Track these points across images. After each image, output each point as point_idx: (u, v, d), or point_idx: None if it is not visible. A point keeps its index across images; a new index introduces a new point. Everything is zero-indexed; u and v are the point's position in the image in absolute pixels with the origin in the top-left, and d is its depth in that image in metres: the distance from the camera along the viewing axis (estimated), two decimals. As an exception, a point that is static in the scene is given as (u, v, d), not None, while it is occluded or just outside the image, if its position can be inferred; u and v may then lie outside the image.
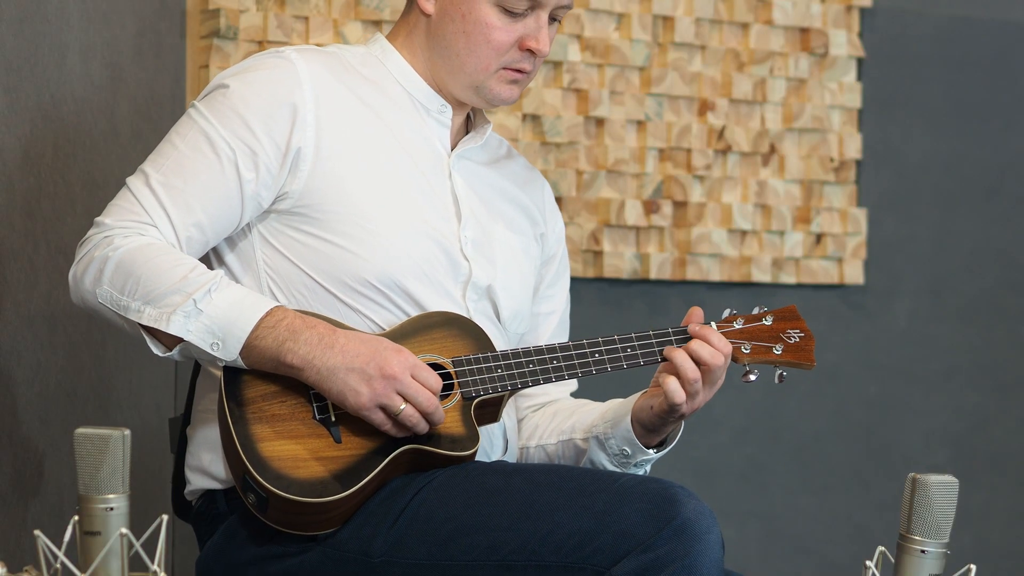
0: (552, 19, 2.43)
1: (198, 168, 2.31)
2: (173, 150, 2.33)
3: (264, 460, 2.21)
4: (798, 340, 2.43)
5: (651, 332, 2.38)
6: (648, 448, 2.44)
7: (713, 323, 2.42)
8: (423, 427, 2.24)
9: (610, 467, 2.46)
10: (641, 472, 2.48)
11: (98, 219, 2.29)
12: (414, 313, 2.36)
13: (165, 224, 2.28)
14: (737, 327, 2.42)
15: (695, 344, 2.34)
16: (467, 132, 2.54)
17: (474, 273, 2.43)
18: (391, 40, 2.49)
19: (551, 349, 2.36)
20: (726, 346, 2.36)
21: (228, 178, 2.31)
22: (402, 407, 2.21)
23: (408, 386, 2.21)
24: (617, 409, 2.46)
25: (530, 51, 2.41)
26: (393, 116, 2.44)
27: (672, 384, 2.33)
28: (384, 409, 2.22)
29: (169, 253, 2.24)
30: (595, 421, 2.48)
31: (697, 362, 2.34)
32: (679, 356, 2.34)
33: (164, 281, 2.21)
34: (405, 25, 2.48)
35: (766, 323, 2.43)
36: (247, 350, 2.22)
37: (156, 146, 2.37)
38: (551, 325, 2.61)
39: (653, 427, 2.41)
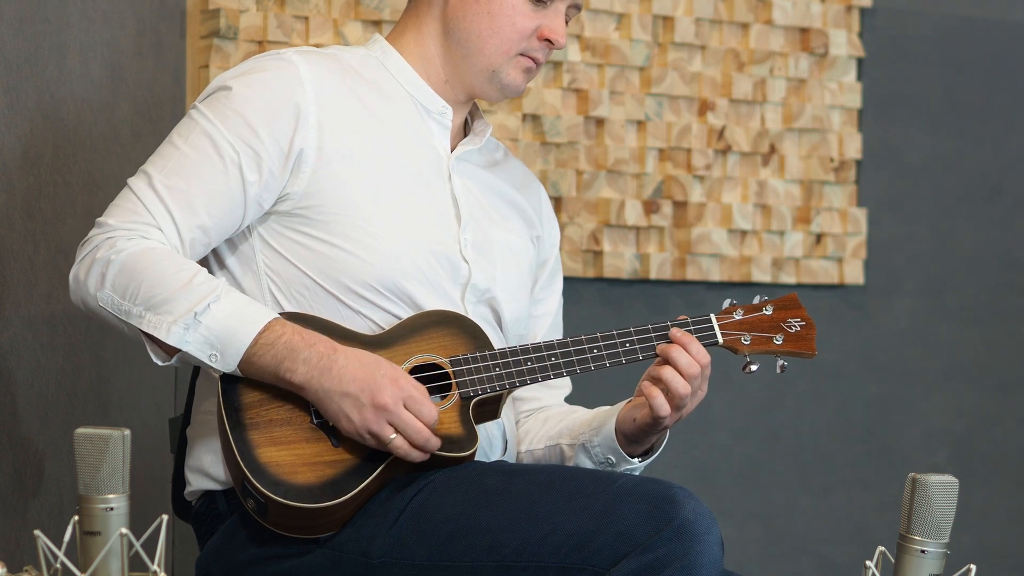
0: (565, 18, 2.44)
1: (202, 169, 2.30)
2: (175, 151, 2.32)
3: (262, 466, 2.21)
4: (799, 329, 2.43)
5: (650, 326, 2.38)
6: (632, 457, 2.44)
7: (712, 315, 2.41)
8: (416, 456, 2.23)
9: None
10: None
11: (100, 219, 2.28)
12: (414, 315, 2.36)
13: (169, 226, 2.28)
14: (737, 318, 2.42)
15: (675, 352, 2.34)
16: (465, 134, 2.54)
17: (474, 275, 2.42)
18: (392, 40, 2.49)
19: (549, 346, 2.36)
20: (704, 357, 2.35)
21: (232, 180, 2.31)
22: (392, 437, 2.21)
23: (399, 417, 2.21)
24: (603, 417, 2.46)
25: (548, 42, 2.42)
26: (393, 117, 2.43)
27: (658, 398, 2.33)
28: (375, 437, 2.22)
29: (172, 258, 2.24)
30: (581, 428, 2.48)
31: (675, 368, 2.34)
32: (668, 372, 2.34)
33: (166, 287, 2.20)
34: (413, 15, 2.47)
35: (766, 313, 2.43)
36: (245, 363, 2.22)
37: (156, 147, 2.36)
38: (543, 327, 2.61)
39: (636, 439, 2.42)
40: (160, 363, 2.25)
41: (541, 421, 2.56)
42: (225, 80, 2.36)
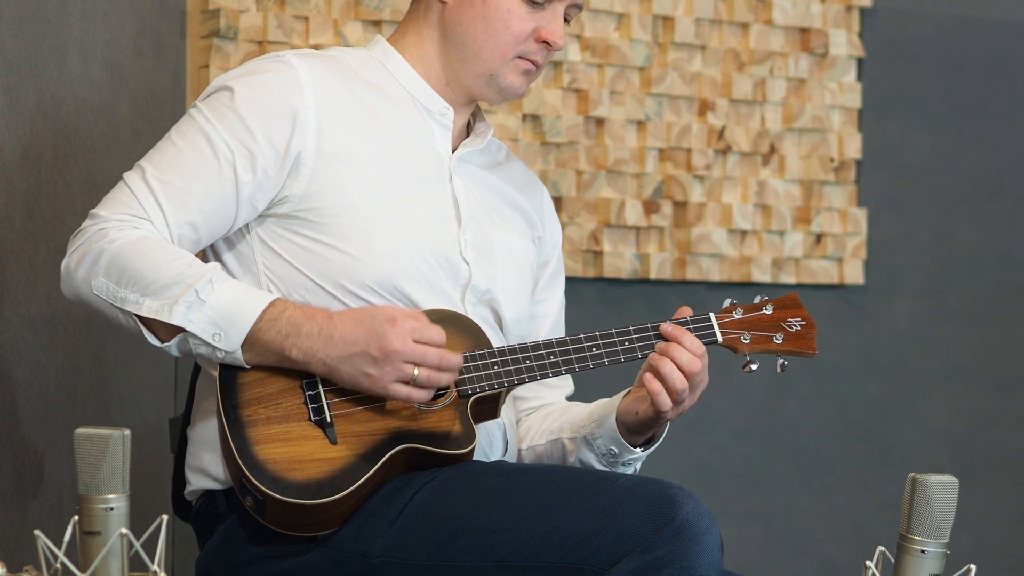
0: (564, 19, 2.44)
1: (196, 166, 2.31)
2: (172, 147, 2.33)
3: (260, 463, 2.21)
4: (799, 328, 2.43)
5: (648, 325, 2.38)
6: (635, 447, 2.44)
7: (712, 314, 2.41)
8: (444, 379, 2.24)
9: (598, 466, 2.47)
10: (631, 470, 2.48)
11: (93, 211, 2.29)
12: (414, 317, 2.36)
13: (159, 219, 2.28)
14: (736, 317, 2.42)
15: (673, 349, 2.34)
16: (467, 135, 2.54)
17: (474, 276, 2.42)
18: (393, 42, 2.49)
19: (548, 344, 2.36)
20: (699, 348, 2.35)
21: (225, 178, 2.31)
22: (415, 372, 2.22)
23: (413, 353, 2.21)
24: (603, 409, 2.47)
25: (546, 43, 2.42)
26: (394, 119, 2.44)
27: (660, 394, 2.33)
28: (400, 381, 2.22)
29: (165, 247, 2.25)
30: (582, 421, 2.49)
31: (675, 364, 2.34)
32: (667, 367, 2.33)
33: (163, 274, 2.21)
34: (413, 18, 2.48)
35: (766, 312, 2.43)
36: (249, 341, 2.22)
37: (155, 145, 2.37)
38: (544, 327, 2.61)
39: (638, 430, 2.42)
40: (158, 344, 2.24)
41: (541, 417, 2.56)
42: (226, 80, 2.37)
